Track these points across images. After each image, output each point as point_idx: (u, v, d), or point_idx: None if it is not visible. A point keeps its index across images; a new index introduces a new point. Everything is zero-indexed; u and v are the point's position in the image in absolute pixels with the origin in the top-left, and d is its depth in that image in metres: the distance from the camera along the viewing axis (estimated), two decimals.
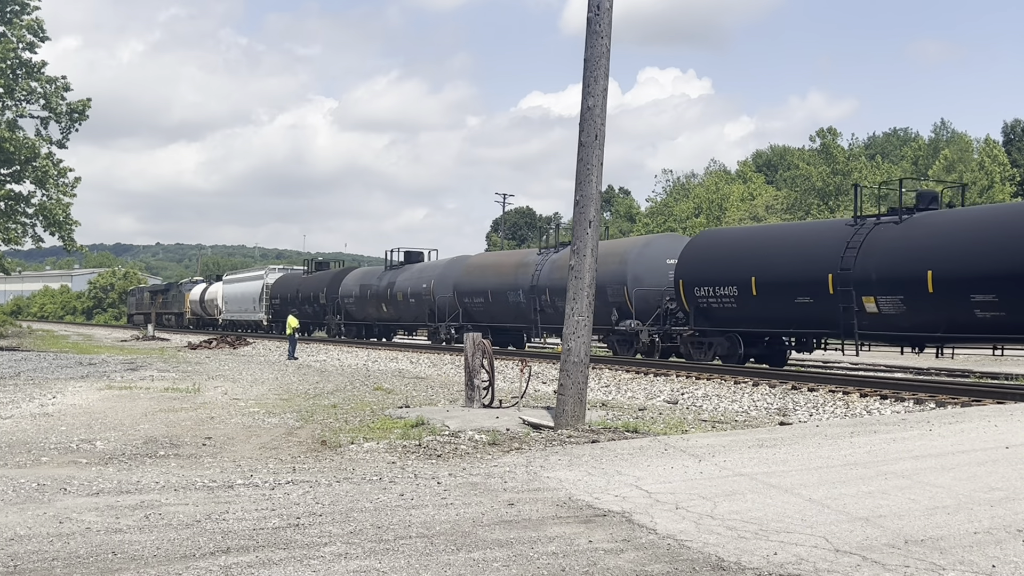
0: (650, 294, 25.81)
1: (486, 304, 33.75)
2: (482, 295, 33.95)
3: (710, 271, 23.14)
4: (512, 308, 31.96)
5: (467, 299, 34.94)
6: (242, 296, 60.69)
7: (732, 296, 22.44)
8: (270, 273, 58.26)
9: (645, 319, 25.76)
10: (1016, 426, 9.93)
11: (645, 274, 26.36)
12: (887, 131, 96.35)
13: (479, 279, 34.63)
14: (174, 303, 77.17)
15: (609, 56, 12.29)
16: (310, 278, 52.33)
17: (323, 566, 4.97)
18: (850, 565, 4.96)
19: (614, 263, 26.61)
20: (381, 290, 42.34)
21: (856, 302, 19.53)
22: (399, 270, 42.04)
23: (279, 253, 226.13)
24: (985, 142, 64.54)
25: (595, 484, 7.24)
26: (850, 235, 20.24)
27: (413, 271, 40.81)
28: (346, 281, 46.97)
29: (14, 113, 36.20)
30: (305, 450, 10.76)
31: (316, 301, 49.70)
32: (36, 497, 6.94)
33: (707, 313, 23.19)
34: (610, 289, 26.45)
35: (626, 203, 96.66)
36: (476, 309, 34.57)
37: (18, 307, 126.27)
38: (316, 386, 19.96)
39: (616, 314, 26.38)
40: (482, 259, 38.51)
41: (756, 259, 22.25)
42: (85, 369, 24.89)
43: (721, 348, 22.84)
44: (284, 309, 52.26)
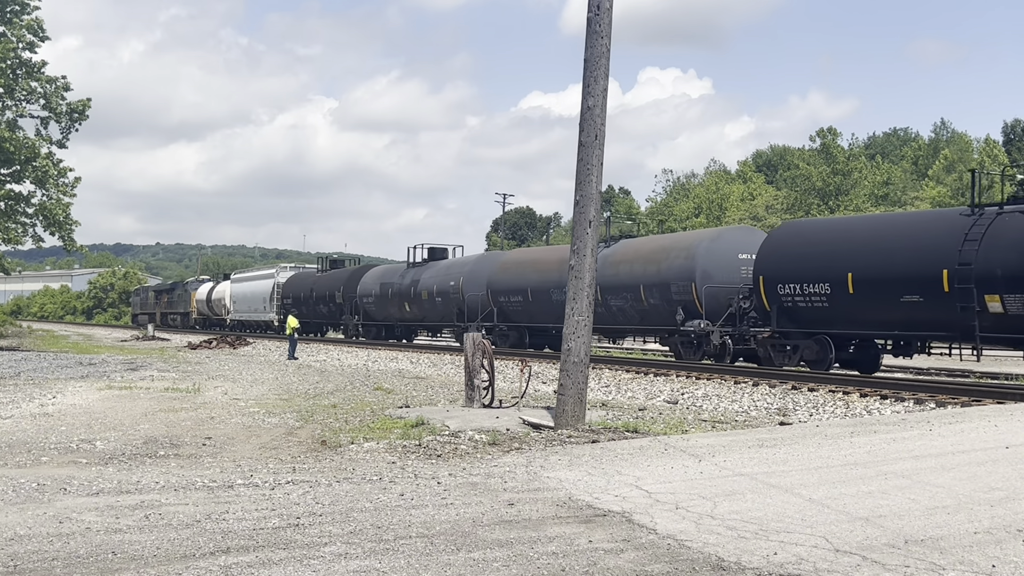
0: (720, 292, 23.55)
1: (524, 303, 31.71)
2: (520, 293, 31.84)
3: (797, 266, 20.96)
4: (556, 307, 29.07)
5: (502, 298, 32.72)
6: (251, 296, 58.58)
7: (823, 294, 20.22)
8: (281, 272, 56.08)
9: (715, 319, 23.37)
10: (1016, 426, 9.93)
11: (715, 270, 23.98)
12: (887, 131, 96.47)
13: (517, 277, 32.39)
14: (180, 303, 75.30)
15: (609, 56, 12.29)
16: (324, 276, 50.13)
17: (323, 566, 4.97)
18: (850, 565, 4.96)
19: (680, 258, 24.74)
20: (404, 288, 40.03)
21: (978, 301, 17.53)
22: (423, 267, 39.66)
23: (279, 253, 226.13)
24: (985, 142, 64.59)
25: (595, 484, 7.24)
26: (968, 226, 18.10)
27: (439, 268, 38.46)
28: (365, 279, 44.65)
29: (14, 113, 36.21)
30: (305, 450, 10.76)
31: (332, 300, 47.54)
32: (36, 497, 6.94)
33: (792, 313, 21.05)
34: (675, 286, 24.54)
35: (626, 203, 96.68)
36: (512, 308, 32.48)
37: (18, 307, 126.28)
38: (316, 386, 19.96)
39: (682, 314, 24.14)
40: (520, 255, 35.89)
41: (853, 253, 19.96)
42: (85, 369, 24.89)
43: (809, 352, 20.65)
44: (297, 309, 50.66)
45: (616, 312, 26.92)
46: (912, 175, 72.97)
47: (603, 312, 26.61)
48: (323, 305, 48.39)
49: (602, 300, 26.57)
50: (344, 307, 46.19)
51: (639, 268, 26.23)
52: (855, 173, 64.80)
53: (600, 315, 26.77)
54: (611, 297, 26.72)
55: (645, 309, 25.78)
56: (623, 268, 26.75)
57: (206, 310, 67.73)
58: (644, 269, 25.97)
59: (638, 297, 25.82)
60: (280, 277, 55.02)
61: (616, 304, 26.81)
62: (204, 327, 66.87)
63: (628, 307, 26.41)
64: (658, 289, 25.09)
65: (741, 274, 23.76)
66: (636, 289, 25.93)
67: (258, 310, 57.21)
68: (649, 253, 26.34)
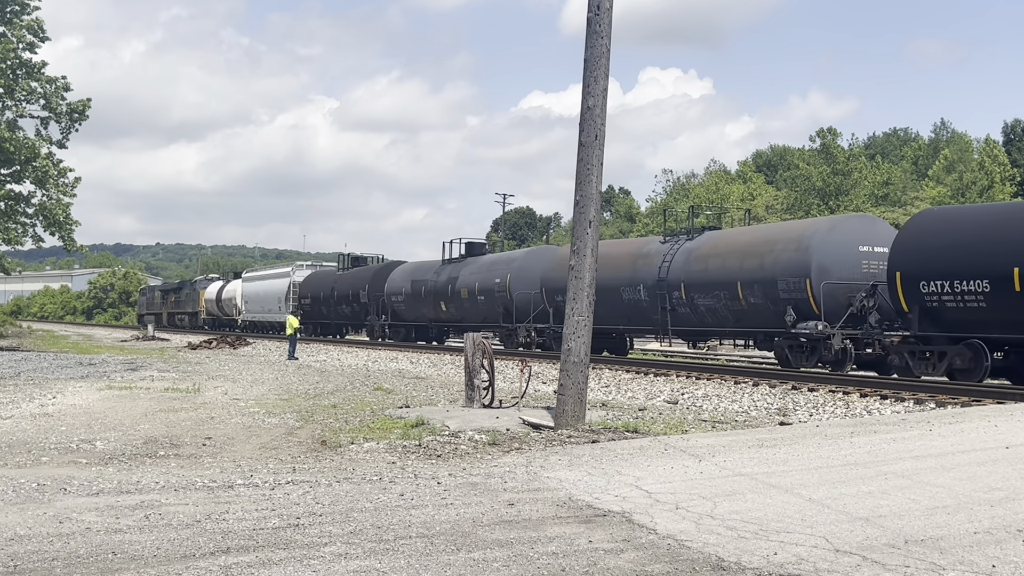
0: (839, 289, 20.74)
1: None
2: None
3: (945, 260, 18.32)
4: (626, 307, 26.80)
5: (561, 296, 28.53)
6: (265, 295, 55.86)
7: (981, 292, 17.58)
8: (297, 270, 53.09)
9: (833, 321, 20.52)
10: (1016, 426, 9.93)
11: (833, 264, 21.08)
12: (887, 131, 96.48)
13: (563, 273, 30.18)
14: (187, 302, 73.10)
15: (609, 56, 12.29)
16: (347, 275, 47.15)
17: (323, 566, 4.97)
18: (850, 565, 4.96)
19: (788, 250, 21.92)
20: (439, 287, 36.99)
21: None
22: (460, 263, 36.68)
23: (279, 253, 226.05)
24: (985, 142, 64.56)
25: (595, 484, 7.24)
26: None
27: (480, 265, 35.49)
28: (393, 277, 41.63)
29: (14, 113, 36.20)
30: (305, 450, 10.76)
31: (355, 300, 44.62)
32: (36, 497, 6.94)
33: (937, 315, 18.40)
34: (783, 283, 21.59)
35: (626, 203, 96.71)
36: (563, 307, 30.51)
37: (18, 307, 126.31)
38: (316, 386, 19.96)
39: (793, 314, 21.08)
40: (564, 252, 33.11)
41: (1018, 244, 17.25)
42: (85, 369, 24.89)
43: (961, 359, 17.81)
44: (316, 309, 48.71)
45: (704, 313, 24.11)
46: (912, 175, 72.99)
47: (686, 312, 24.56)
48: (345, 305, 45.81)
49: (686, 299, 24.38)
50: (369, 307, 43.36)
51: (734, 263, 23.21)
52: (855, 173, 64.80)
53: (682, 316, 24.70)
54: (698, 296, 23.99)
55: (742, 309, 22.83)
56: (713, 263, 23.87)
57: (215, 310, 65.59)
58: (741, 264, 22.96)
59: (734, 295, 22.90)
60: (296, 276, 52.27)
61: (705, 304, 23.93)
62: (214, 328, 64.38)
63: (720, 307, 23.49)
64: (761, 286, 22.24)
65: (862, 269, 21.19)
66: (731, 286, 22.96)
67: (272, 310, 54.46)
68: (747, 246, 23.30)
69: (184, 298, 74.43)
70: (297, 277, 51.98)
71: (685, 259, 24.89)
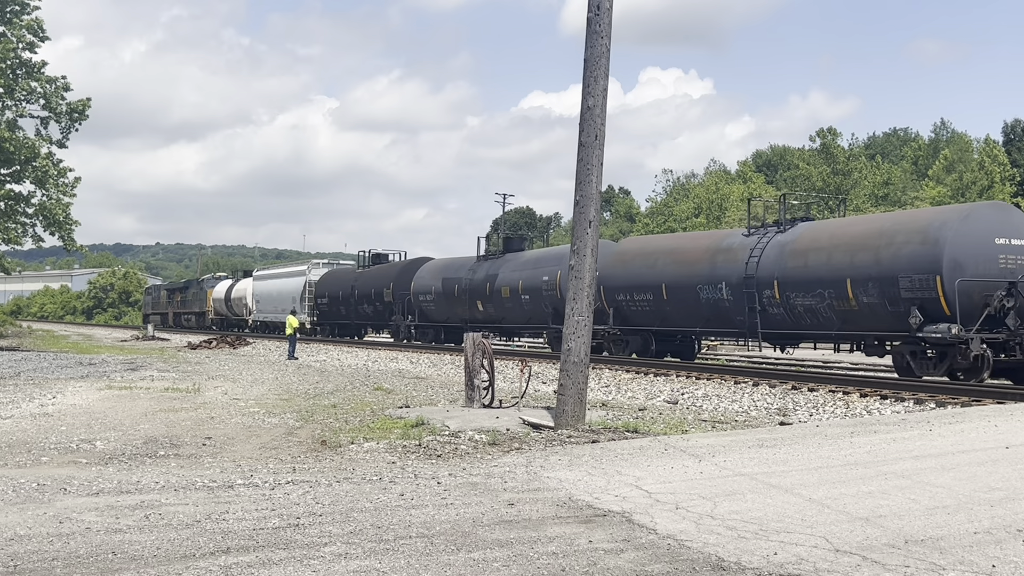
0: (974, 288, 18.39)
1: (655, 302, 25.54)
2: (650, 290, 25.64)
3: None
4: (704, 307, 23.94)
5: (622, 295, 26.59)
6: (278, 295, 53.33)
7: None
8: (314, 268, 50.62)
9: (969, 323, 17.99)
10: (1016, 426, 9.93)
11: (968, 259, 18.58)
12: (887, 131, 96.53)
13: (645, 269, 26.04)
14: (195, 302, 70.61)
15: (609, 56, 12.29)
16: (368, 273, 44.33)
17: (323, 566, 4.97)
18: (850, 565, 4.96)
19: (912, 243, 19.23)
20: (475, 285, 34.23)
21: None
22: (499, 260, 33.90)
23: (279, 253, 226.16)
24: (985, 142, 64.58)
25: (595, 484, 7.24)
26: None
27: (523, 261, 32.71)
28: (421, 275, 38.79)
29: (14, 113, 36.22)
30: (305, 450, 10.76)
31: (378, 299, 41.90)
32: (36, 497, 6.93)
33: None
34: (906, 280, 19.00)
35: (626, 203, 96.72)
36: (636, 309, 26.29)
37: (18, 307, 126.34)
38: (316, 386, 19.96)
39: (918, 316, 18.49)
40: (647, 244, 29.07)
41: None
42: (85, 369, 24.89)
43: None
44: (334, 309, 46.51)
45: (802, 313, 21.31)
46: (912, 175, 72.99)
47: (779, 313, 21.73)
48: (367, 304, 42.99)
49: (780, 298, 21.59)
50: (394, 307, 40.50)
51: (842, 257, 20.49)
52: (855, 173, 64.87)
53: (774, 317, 21.96)
54: (795, 294, 21.28)
55: (851, 310, 20.16)
56: (815, 258, 21.10)
57: (224, 310, 63.13)
58: (851, 259, 20.24)
59: (842, 295, 20.22)
60: (313, 274, 49.88)
61: (804, 303, 21.15)
62: (223, 328, 61.55)
63: (824, 307, 20.73)
64: (876, 284, 19.56)
65: (999, 264, 18.76)
66: (838, 284, 20.28)
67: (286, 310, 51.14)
68: (858, 238, 20.63)
69: (191, 297, 72.17)
70: (313, 276, 49.92)
71: (778, 253, 22.07)
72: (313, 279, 49.64)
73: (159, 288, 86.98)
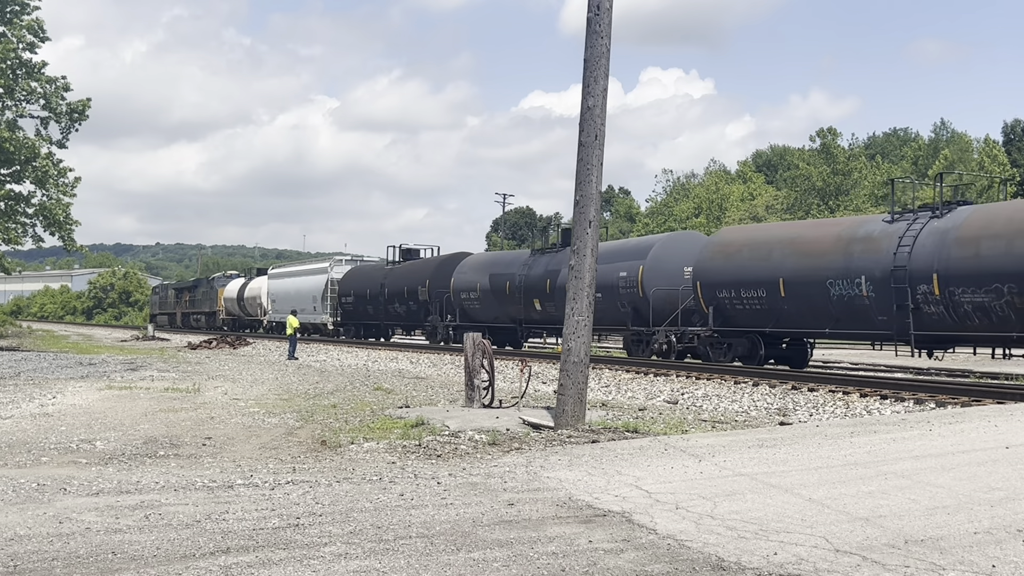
0: None
1: (770, 299, 21.75)
2: (762, 286, 21.92)
3: None
4: (835, 305, 20.63)
5: (724, 292, 22.86)
6: (296, 294, 50.47)
7: None
8: (336, 266, 47.88)
9: None
10: (1016, 426, 9.93)
11: None
12: (887, 131, 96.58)
13: (756, 262, 22.30)
14: (204, 301, 67.63)
15: (609, 56, 12.30)
16: (399, 269, 41.14)
17: (323, 566, 4.97)
18: (850, 565, 4.96)
19: None
20: (532, 281, 30.94)
21: None
22: (559, 254, 30.24)
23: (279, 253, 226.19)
24: (985, 142, 64.62)
25: (595, 484, 7.24)
26: None
27: None
28: (462, 270, 35.64)
29: (14, 113, 36.24)
30: (305, 450, 10.76)
31: (412, 298, 38.88)
32: (36, 497, 6.94)
33: None
34: None
35: (626, 203, 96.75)
36: (745, 307, 22.37)
37: (18, 307, 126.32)
38: (316, 386, 19.96)
39: None
40: (755, 233, 25.06)
41: None
42: (85, 369, 24.89)
43: None
44: (360, 308, 43.66)
45: (970, 312, 18.23)
46: (912, 175, 72.98)
47: (937, 312, 18.73)
48: (399, 303, 39.97)
49: (940, 295, 18.50)
50: (430, 306, 37.42)
51: None
52: (855, 173, 64.85)
53: (931, 317, 18.92)
54: (961, 290, 18.24)
55: None
56: (989, 247, 17.96)
57: (236, 310, 60.09)
58: None
59: None
60: (335, 272, 47.08)
61: (973, 300, 18.08)
62: (235, 329, 58.53)
63: (1000, 304, 17.68)
64: None
65: None
66: (1021, 278, 17.27)
67: (307, 310, 48.96)
68: None
69: (200, 297, 69.14)
70: (336, 273, 46.96)
71: (937, 242, 18.85)
72: (336, 277, 46.82)
73: (166, 287, 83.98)
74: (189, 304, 71.66)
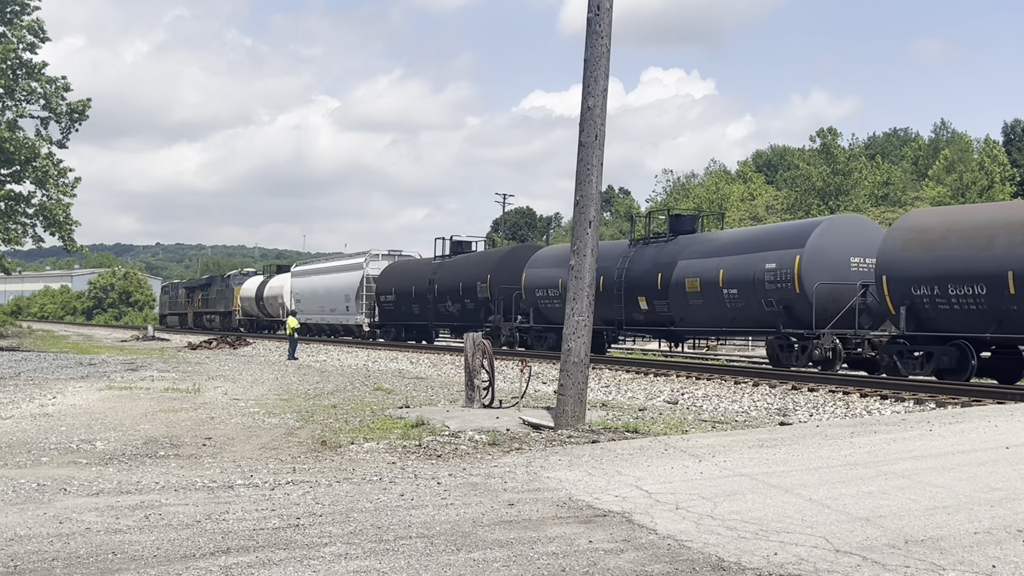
0: None
1: (991, 298, 17.23)
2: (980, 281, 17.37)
3: None
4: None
5: (924, 289, 18.35)
6: (326, 293, 46.73)
7: None
8: (372, 261, 43.49)
9: None
10: (1016, 426, 9.93)
11: None
12: (887, 131, 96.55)
13: (970, 252, 17.75)
14: (219, 301, 63.78)
15: (609, 56, 12.30)
16: (452, 264, 36.64)
17: (323, 566, 4.97)
18: (850, 565, 4.96)
19: None
20: (636, 276, 26.15)
21: None
22: (669, 244, 25.91)
23: (279, 253, 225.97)
24: (985, 142, 64.63)
25: (595, 484, 7.24)
26: None
27: (719, 244, 24.24)
28: (537, 264, 30.95)
29: (14, 113, 36.24)
30: (305, 450, 10.76)
31: (468, 296, 34.52)
32: (36, 497, 6.94)
33: None
34: None
35: (626, 203, 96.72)
36: (953, 307, 17.94)
37: (18, 307, 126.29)
38: (316, 386, 19.96)
39: None
40: (965, 216, 19.68)
41: None
42: (85, 369, 24.89)
43: None
44: (403, 308, 39.29)
45: None
46: (912, 175, 73.03)
47: None
48: (451, 302, 35.62)
49: None
50: (492, 304, 32.66)
51: None
52: (855, 173, 64.87)
53: None
54: None
55: None
56: None
57: (255, 310, 56.22)
58: None
59: None
60: (371, 268, 42.88)
61: None
62: (252, 331, 54.77)
63: None
64: None
65: None
66: None
67: (337, 310, 45.62)
68: None
69: (215, 296, 64.95)
70: (372, 269, 42.72)
71: None
72: (372, 273, 42.46)
73: (177, 286, 79.27)
74: (202, 304, 67.88)
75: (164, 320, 78.29)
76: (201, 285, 70.83)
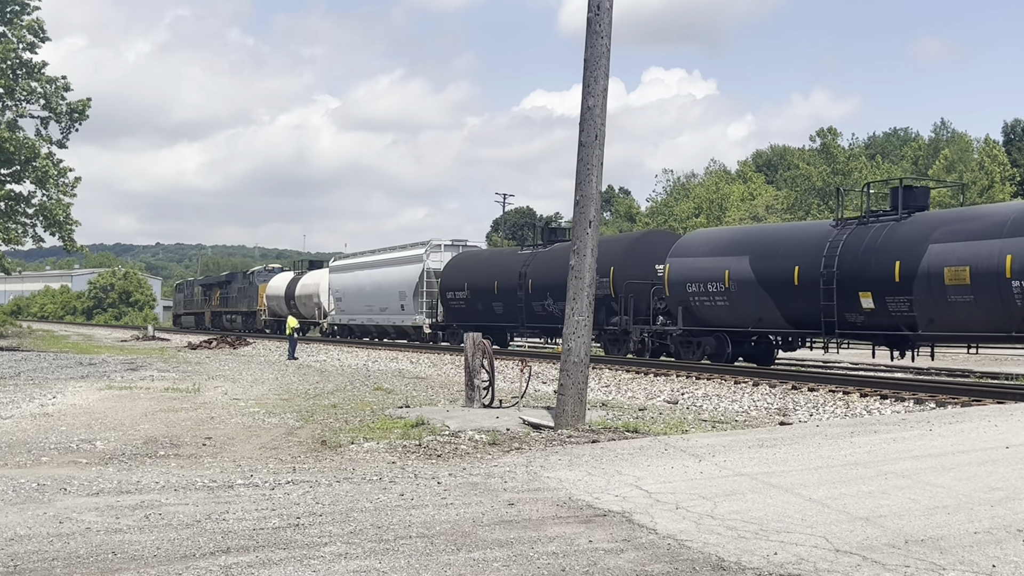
0: None
1: None
2: None
3: None
4: None
5: None
6: (375, 290, 40.42)
7: None
8: (434, 252, 37.18)
9: None
10: (1016, 426, 9.93)
11: None
12: (887, 131, 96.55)
13: None
14: (241, 299, 57.62)
15: (609, 56, 12.30)
16: (551, 254, 29.96)
17: (323, 566, 4.97)
18: (850, 565, 4.96)
19: None
20: (853, 267, 19.94)
21: None
22: (899, 223, 19.93)
23: (279, 253, 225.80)
24: (985, 142, 64.62)
25: (595, 484, 7.24)
26: None
27: (994, 222, 18.08)
28: (686, 251, 24.79)
29: (14, 113, 36.24)
30: (305, 450, 10.76)
31: None
32: (36, 497, 6.94)
33: None
34: None
35: (626, 203, 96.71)
36: None
37: (18, 307, 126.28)
38: (316, 386, 19.96)
39: None
40: None
41: None
42: (85, 369, 24.89)
43: None
44: (481, 306, 32.89)
45: None
46: (912, 175, 73.01)
47: None
48: (552, 300, 28.99)
49: None
50: (614, 304, 26.60)
51: None
52: (855, 173, 64.82)
53: None
54: None
55: None
56: None
57: (283, 310, 49.79)
58: None
59: None
60: (432, 260, 36.79)
61: None
62: (280, 332, 46.85)
63: None
64: None
65: None
66: None
67: (389, 309, 39.48)
68: None
69: (236, 294, 58.89)
70: (433, 262, 36.71)
71: None
72: (434, 266, 36.54)
73: (192, 284, 72.35)
74: (221, 302, 61.54)
75: (178, 320, 72.74)
76: (220, 283, 64.12)
